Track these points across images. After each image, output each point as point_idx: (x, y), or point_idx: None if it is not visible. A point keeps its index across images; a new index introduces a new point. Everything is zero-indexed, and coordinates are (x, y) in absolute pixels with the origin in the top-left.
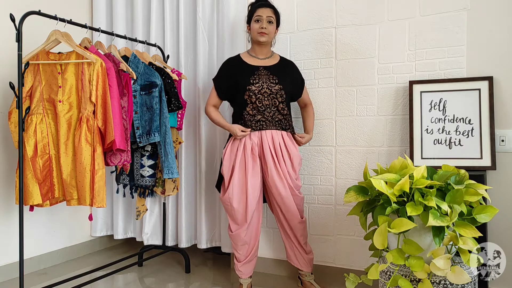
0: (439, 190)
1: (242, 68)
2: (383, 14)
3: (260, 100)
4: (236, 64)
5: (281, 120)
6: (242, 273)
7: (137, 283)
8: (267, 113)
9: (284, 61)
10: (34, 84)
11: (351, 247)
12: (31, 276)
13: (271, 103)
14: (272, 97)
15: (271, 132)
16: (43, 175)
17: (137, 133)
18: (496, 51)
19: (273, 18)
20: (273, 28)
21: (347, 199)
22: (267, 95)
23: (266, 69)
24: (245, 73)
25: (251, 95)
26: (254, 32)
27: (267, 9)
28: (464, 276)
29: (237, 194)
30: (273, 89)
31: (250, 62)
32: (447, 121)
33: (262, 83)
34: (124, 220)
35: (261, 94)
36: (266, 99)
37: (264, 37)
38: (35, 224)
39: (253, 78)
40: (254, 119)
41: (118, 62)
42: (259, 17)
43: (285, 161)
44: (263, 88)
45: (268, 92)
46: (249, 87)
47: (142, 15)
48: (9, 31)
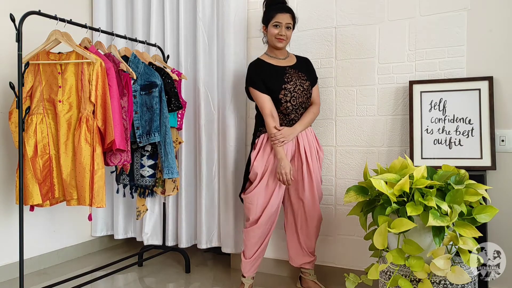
0: (439, 190)
1: (271, 70)
2: (383, 14)
3: (295, 98)
4: (262, 66)
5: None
6: (246, 270)
7: (137, 283)
8: (300, 110)
9: (301, 58)
10: (35, 84)
11: (351, 247)
12: (31, 276)
13: (303, 100)
14: (304, 94)
15: (304, 131)
16: (43, 175)
17: (137, 133)
18: (496, 51)
19: (291, 24)
20: (291, 33)
21: (347, 199)
22: (300, 92)
23: (292, 68)
24: (277, 74)
25: (286, 94)
26: (271, 36)
27: (286, 14)
28: (464, 276)
29: (260, 197)
30: (304, 85)
31: (274, 63)
32: (447, 121)
33: (295, 81)
34: (124, 220)
35: (295, 91)
36: (300, 96)
37: (282, 43)
38: (35, 224)
39: (286, 77)
40: (287, 118)
41: (118, 62)
42: (278, 23)
43: (313, 159)
44: (296, 85)
45: (301, 89)
46: (284, 85)
47: (142, 15)
48: (9, 31)
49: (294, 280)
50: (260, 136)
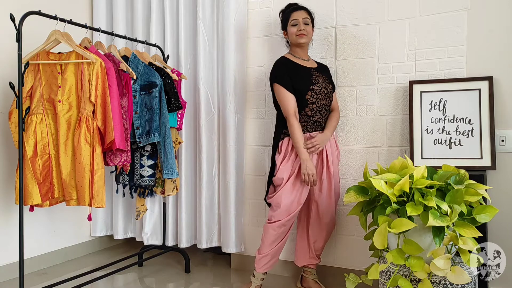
0: (439, 190)
1: (298, 69)
2: (383, 14)
3: (319, 99)
4: (290, 65)
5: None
6: (259, 265)
7: (137, 283)
8: (323, 112)
9: (321, 64)
10: (34, 84)
11: (351, 247)
12: (31, 276)
13: (326, 102)
14: (327, 97)
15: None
16: (42, 175)
17: (137, 133)
18: (496, 51)
19: (309, 19)
20: (311, 29)
21: (347, 199)
22: (324, 94)
23: (317, 70)
24: (303, 73)
25: (313, 95)
26: (292, 35)
27: (301, 11)
28: (464, 276)
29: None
30: (328, 88)
31: (301, 64)
32: (447, 121)
33: (321, 83)
34: (124, 220)
35: (321, 93)
36: (323, 98)
37: (303, 38)
38: (35, 224)
39: (314, 78)
40: (311, 119)
41: (118, 62)
42: (295, 21)
43: (334, 162)
44: (322, 87)
45: (325, 91)
46: (312, 86)
47: (142, 15)
48: (9, 31)
49: (294, 279)
50: (284, 138)
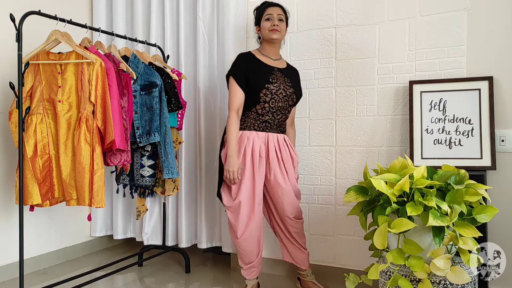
0: (439, 190)
1: (258, 65)
2: (383, 14)
3: (274, 100)
4: (250, 60)
5: (283, 124)
6: (247, 273)
7: (137, 283)
8: (277, 115)
9: (291, 67)
10: (35, 84)
11: (351, 247)
12: (31, 276)
13: (283, 105)
14: (285, 100)
15: (276, 136)
16: (43, 175)
17: (137, 133)
18: (496, 51)
19: (283, 16)
20: (284, 26)
21: (347, 199)
22: (282, 96)
23: (280, 71)
24: (262, 71)
25: (267, 94)
26: (265, 30)
27: (276, 7)
28: (464, 276)
29: (247, 198)
30: (288, 91)
31: (264, 61)
32: (447, 121)
33: (280, 84)
34: (124, 220)
35: (277, 94)
36: (280, 101)
37: (276, 34)
38: (35, 224)
39: (272, 78)
40: (260, 118)
41: (118, 62)
42: (269, 16)
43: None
44: (280, 88)
45: (284, 94)
46: (267, 85)
47: (142, 15)
48: (9, 31)
49: (291, 279)
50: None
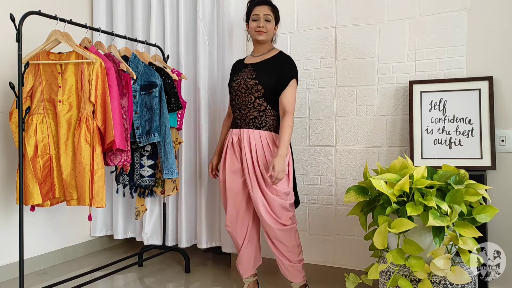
0: (439, 190)
1: (235, 69)
2: (383, 14)
3: (238, 96)
4: (236, 64)
5: (257, 117)
6: (242, 272)
7: (137, 283)
8: (243, 110)
9: (278, 56)
10: (35, 84)
11: (351, 247)
12: (31, 276)
13: (248, 98)
14: (248, 93)
15: (247, 132)
16: (43, 175)
17: (137, 133)
18: (496, 51)
19: (271, 16)
20: (272, 26)
21: (347, 199)
22: (244, 90)
23: (252, 66)
24: (234, 71)
25: (232, 92)
26: (252, 30)
27: (264, 7)
28: (464, 276)
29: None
30: (248, 84)
31: (245, 61)
32: (447, 121)
33: (241, 80)
34: (124, 220)
35: (239, 90)
36: (243, 95)
37: (262, 36)
38: (35, 224)
39: (236, 75)
40: (234, 116)
41: (118, 62)
42: (256, 16)
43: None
44: (240, 84)
45: (245, 87)
46: (231, 84)
47: (142, 15)
48: (9, 31)
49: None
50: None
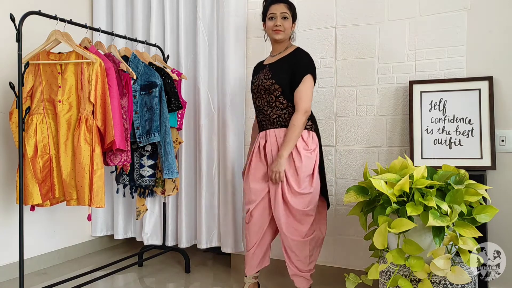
0: (439, 190)
1: (256, 70)
2: (383, 14)
3: (259, 98)
4: (256, 67)
5: (280, 116)
6: (247, 268)
7: (137, 283)
8: (265, 111)
9: (294, 52)
10: (35, 84)
11: (351, 247)
12: (31, 276)
13: (269, 99)
14: (267, 93)
15: (273, 132)
16: (43, 175)
17: (137, 133)
18: (496, 51)
19: (288, 14)
20: (289, 24)
21: (347, 199)
22: (263, 92)
23: (269, 66)
24: (254, 74)
25: (252, 95)
26: (269, 30)
27: (280, 5)
28: (464, 276)
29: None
30: (265, 84)
31: (264, 62)
32: (447, 121)
33: (258, 81)
34: (124, 220)
35: (258, 92)
36: (263, 96)
37: (279, 35)
38: (35, 224)
39: (255, 78)
40: (258, 119)
41: (118, 62)
42: (272, 15)
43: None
44: (258, 85)
45: (263, 89)
46: (251, 86)
47: (142, 15)
48: (9, 31)
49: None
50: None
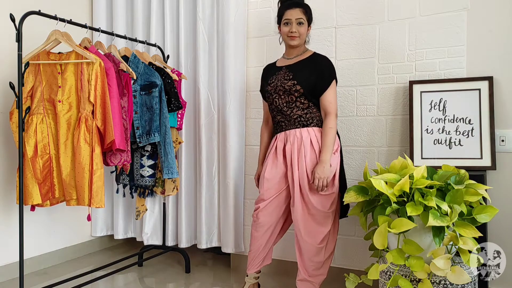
0: (439, 190)
1: (267, 73)
2: (383, 14)
3: (277, 99)
4: (268, 69)
5: (302, 116)
6: (249, 266)
7: (137, 283)
8: (285, 111)
9: (314, 57)
10: (35, 84)
11: (351, 247)
12: (31, 276)
13: (288, 99)
14: (287, 94)
15: (294, 132)
16: (43, 175)
17: (137, 133)
18: (496, 51)
19: (304, 19)
20: (304, 29)
21: (347, 199)
22: (282, 92)
23: (287, 67)
24: (268, 76)
25: (268, 96)
26: (284, 35)
27: (296, 10)
28: (464, 276)
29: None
30: (286, 85)
31: (278, 64)
32: (447, 121)
33: (277, 82)
34: (124, 220)
35: (276, 92)
36: (282, 96)
37: (295, 41)
38: (35, 224)
39: (271, 79)
40: (275, 120)
41: (118, 62)
42: (288, 20)
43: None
44: (277, 86)
45: (282, 89)
46: (266, 88)
47: (142, 15)
48: (9, 31)
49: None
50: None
